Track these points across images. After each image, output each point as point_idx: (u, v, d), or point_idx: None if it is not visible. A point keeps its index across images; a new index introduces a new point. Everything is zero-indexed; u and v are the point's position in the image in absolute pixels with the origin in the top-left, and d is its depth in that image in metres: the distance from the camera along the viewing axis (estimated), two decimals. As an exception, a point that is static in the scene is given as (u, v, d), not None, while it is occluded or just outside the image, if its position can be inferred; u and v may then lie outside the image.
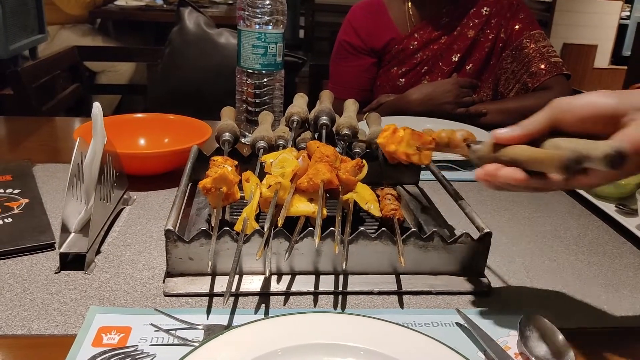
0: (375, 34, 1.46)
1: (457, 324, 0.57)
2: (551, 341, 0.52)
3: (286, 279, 0.62)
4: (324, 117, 0.81)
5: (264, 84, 1.04)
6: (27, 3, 2.32)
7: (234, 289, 0.60)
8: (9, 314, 0.55)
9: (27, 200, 0.78)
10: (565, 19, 4.73)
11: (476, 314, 0.58)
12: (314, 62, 1.85)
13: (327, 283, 0.62)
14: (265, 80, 1.04)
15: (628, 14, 5.29)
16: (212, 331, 0.53)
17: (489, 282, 0.64)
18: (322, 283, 0.62)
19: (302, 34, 4.60)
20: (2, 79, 1.85)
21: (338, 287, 0.61)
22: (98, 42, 3.15)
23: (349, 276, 0.63)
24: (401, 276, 0.63)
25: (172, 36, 1.93)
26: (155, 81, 2.00)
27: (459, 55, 1.42)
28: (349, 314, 0.54)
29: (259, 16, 1.00)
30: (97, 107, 0.70)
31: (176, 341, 0.52)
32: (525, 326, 0.53)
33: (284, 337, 0.49)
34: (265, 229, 0.58)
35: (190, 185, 0.76)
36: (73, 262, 0.63)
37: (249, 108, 1.06)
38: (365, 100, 1.41)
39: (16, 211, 0.74)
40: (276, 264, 0.62)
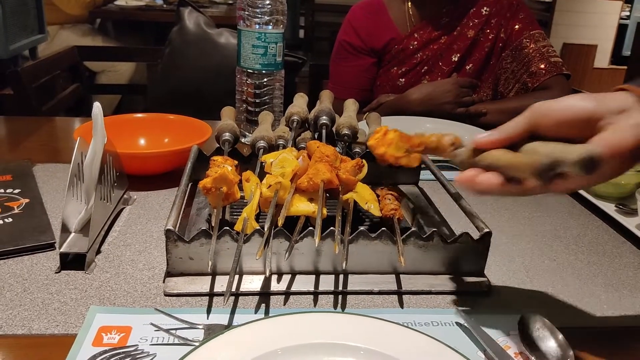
0: (375, 34, 1.46)
1: (457, 323, 0.57)
2: (551, 341, 0.52)
3: (286, 278, 0.62)
4: (324, 117, 0.81)
5: (264, 84, 1.04)
6: (27, 3, 2.32)
7: (234, 288, 0.60)
8: (10, 313, 0.55)
9: (27, 200, 0.78)
10: (565, 18, 4.73)
11: (476, 314, 0.58)
12: (314, 62, 1.85)
13: (327, 283, 0.62)
14: (265, 80, 1.04)
15: (628, 13, 5.29)
16: (212, 331, 0.53)
17: (489, 281, 0.64)
18: (322, 283, 0.62)
19: (302, 34, 4.60)
20: (2, 79, 1.85)
21: (338, 287, 0.62)
22: (98, 42, 3.15)
23: (349, 276, 0.63)
24: (401, 276, 0.63)
25: (172, 36, 1.93)
26: (155, 81, 2.00)
27: (458, 55, 1.42)
28: (349, 314, 0.54)
29: (259, 16, 1.00)
30: (97, 107, 0.70)
31: (176, 341, 0.52)
32: (525, 326, 0.53)
33: (284, 337, 0.49)
34: (265, 229, 0.59)
35: (190, 185, 0.76)
36: (73, 261, 0.63)
37: (249, 108, 1.06)
38: (365, 100, 1.41)
39: (16, 211, 0.74)
40: (276, 263, 0.62)
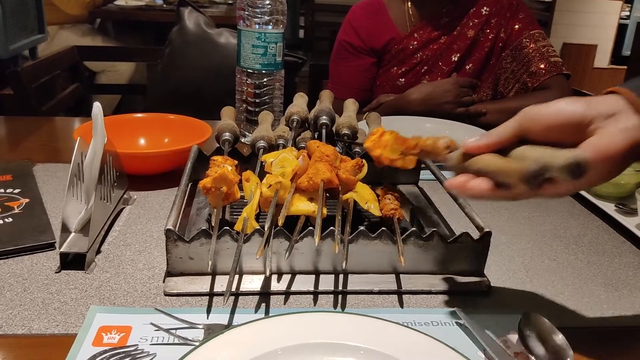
0: (375, 34, 1.46)
1: (457, 323, 0.57)
2: (551, 340, 0.52)
3: (286, 278, 0.62)
4: (324, 117, 0.81)
5: (264, 83, 1.04)
6: (27, 3, 2.32)
7: (234, 288, 0.60)
8: (10, 313, 0.55)
9: (27, 200, 0.78)
10: (565, 18, 4.73)
11: (476, 314, 0.58)
12: (313, 62, 1.85)
13: (327, 282, 0.62)
14: (265, 80, 1.04)
15: (628, 13, 5.29)
16: (212, 330, 0.53)
17: (489, 281, 0.64)
18: (322, 282, 0.62)
19: (302, 33, 4.60)
20: (2, 79, 1.85)
21: (338, 287, 0.62)
22: (98, 42, 3.14)
23: (349, 275, 0.63)
24: (401, 275, 0.63)
25: (172, 36, 1.93)
26: (155, 81, 2.00)
27: (458, 55, 1.42)
28: (349, 314, 0.54)
29: (259, 16, 1.00)
30: (97, 107, 0.70)
31: (176, 340, 0.52)
32: (525, 325, 0.53)
33: (284, 337, 0.49)
34: (265, 229, 0.59)
35: (190, 185, 0.76)
36: (73, 261, 0.63)
37: (249, 108, 1.06)
38: (365, 100, 1.41)
39: (16, 211, 0.75)
40: (276, 263, 0.62)
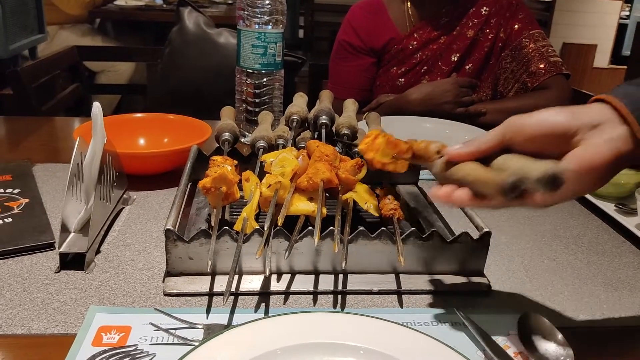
0: (375, 34, 1.46)
1: (457, 323, 0.57)
2: (550, 340, 0.52)
3: (286, 278, 0.62)
4: (324, 117, 0.81)
5: (264, 83, 1.04)
6: (27, 3, 2.32)
7: (233, 288, 0.60)
8: (9, 313, 0.55)
9: (27, 200, 0.78)
10: (565, 18, 4.74)
11: (476, 314, 0.58)
12: (313, 62, 1.85)
13: (326, 282, 0.62)
14: (265, 80, 1.04)
15: (628, 13, 5.29)
16: (212, 330, 0.53)
17: (489, 281, 0.64)
18: (321, 282, 0.62)
19: (301, 33, 4.60)
20: (2, 79, 1.85)
21: (337, 287, 0.62)
22: (97, 42, 3.14)
23: (349, 275, 0.63)
24: (401, 275, 0.63)
25: (171, 36, 1.93)
26: (155, 81, 2.00)
27: (458, 55, 1.42)
28: (349, 314, 0.54)
29: (259, 16, 1.00)
30: (97, 107, 0.70)
31: (176, 340, 0.52)
32: (525, 325, 0.54)
33: (284, 337, 0.49)
34: (265, 228, 0.59)
35: (190, 185, 0.76)
36: (73, 261, 0.63)
37: (248, 108, 1.06)
38: (364, 100, 1.41)
39: (16, 211, 0.75)
40: (276, 263, 0.62)
